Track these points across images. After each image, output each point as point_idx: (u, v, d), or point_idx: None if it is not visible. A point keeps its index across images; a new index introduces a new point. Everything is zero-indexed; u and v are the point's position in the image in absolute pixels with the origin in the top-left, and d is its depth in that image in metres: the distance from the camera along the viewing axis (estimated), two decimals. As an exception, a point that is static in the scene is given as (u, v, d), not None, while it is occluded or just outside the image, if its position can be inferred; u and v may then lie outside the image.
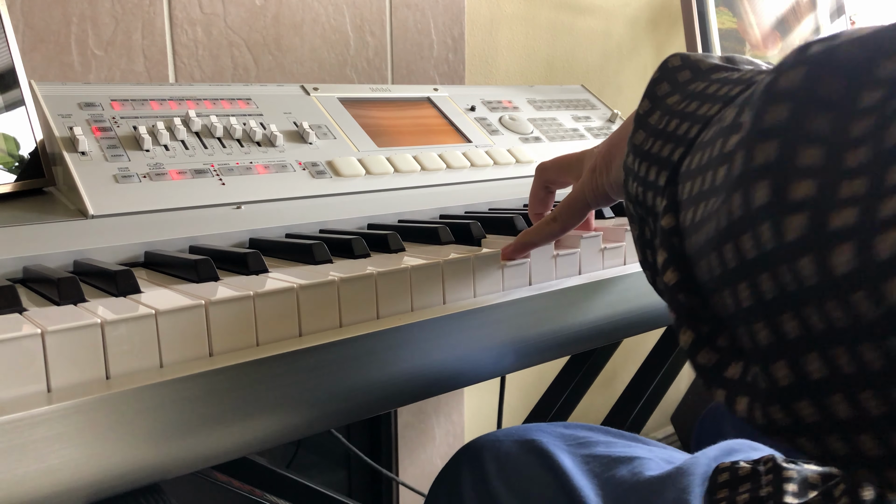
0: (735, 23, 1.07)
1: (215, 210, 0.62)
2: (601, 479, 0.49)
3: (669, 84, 0.35)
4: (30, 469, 0.31)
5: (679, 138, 0.31)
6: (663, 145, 0.32)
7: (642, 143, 0.34)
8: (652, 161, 0.33)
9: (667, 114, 0.33)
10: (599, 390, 1.43)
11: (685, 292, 0.28)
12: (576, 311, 0.52)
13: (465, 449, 0.59)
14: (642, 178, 0.33)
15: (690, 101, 0.32)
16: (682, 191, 0.29)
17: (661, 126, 0.33)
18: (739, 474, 0.43)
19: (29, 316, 0.36)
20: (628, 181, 0.35)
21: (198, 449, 0.36)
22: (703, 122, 0.30)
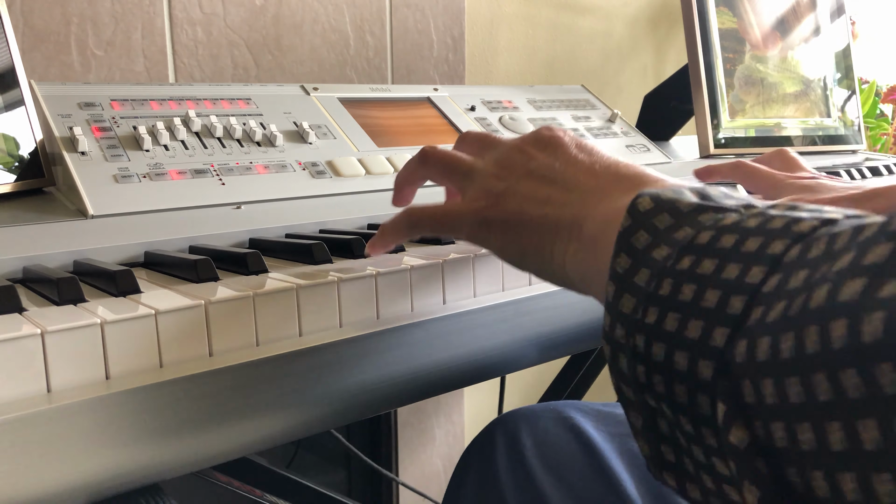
0: (735, 23, 1.07)
1: (215, 210, 0.62)
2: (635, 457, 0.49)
3: (648, 233, 0.28)
4: (30, 469, 0.31)
5: (712, 313, 0.24)
6: (685, 322, 0.25)
7: (635, 312, 0.27)
8: (674, 343, 0.25)
9: (664, 275, 0.27)
10: (599, 390, 1.43)
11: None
12: (576, 310, 0.52)
13: (501, 419, 0.59)
14: (658, 364, 0.26)
15: (696, 257, 0.26)
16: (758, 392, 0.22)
17: (665, 293, 0.26)
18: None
19: (29, 316, 0.36)
20: (619, 358, 0.28)
21: (198, 449, 0.36)
22: (747, 291, 0.24)
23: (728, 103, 1.05)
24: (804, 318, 0.20)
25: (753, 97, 1.09)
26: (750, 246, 0.25)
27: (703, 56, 1.02)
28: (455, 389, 0.47)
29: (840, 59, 1.24)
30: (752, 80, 1.09)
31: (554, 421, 0.55)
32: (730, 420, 0.22)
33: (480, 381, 0.48)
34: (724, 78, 1.04)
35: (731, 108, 1.05)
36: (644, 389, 0.27)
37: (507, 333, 0.48)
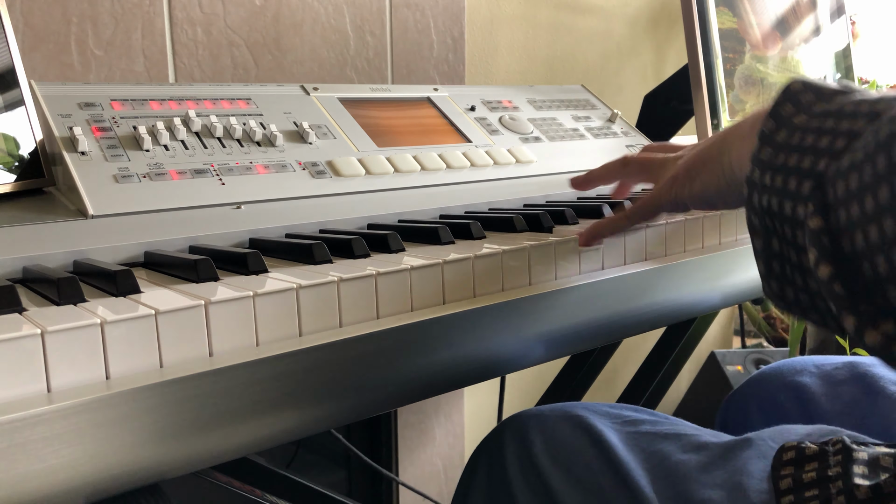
0: (735, 23, 1.07)
1: (215, 210, 0.62)
2: (647, 454, 0.49)
3: (794, 106, 0.39)
4: (30, 469, 0.31)
5: (822, 150, 0.35)
6: (802, 157, 0.36)
7: (771, 158, 0.37)
8: (790, 172, 0.36)
9: (798, 131, 0.37)
10: (600, 390, 1.43)
11: (840, 283, 0.32)
12: (576, 310, 0.52)
13: (509, 421, 0.59)
14: (778, 189, 0.36)
15: (823, 119, 0.36)
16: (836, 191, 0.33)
17: (795, 142, 0.37)
18: (806, 453, 0.43)
19: (29, 316, 0.36)
20: (753, 195, 0.38)
21: (198, 449, 0.36)
22: (849, 135, 0.34)
23: (728, 103, 1.05)
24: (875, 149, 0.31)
25: (753, 97, 1.09)
26: (862, 108, 0.35)
27: (703, 56, 1.02)
28: (455, 389, 0.47)
29: (840, 59, 1.24)
30: (752, 80, 1.09)
31: (563, 420, 0.55)
32: (812, 214, 0.34)
33: (480, 380, 0.48)
34: (724, 78, 1.04)
35: (731, 108, 1.05)
36: (766, 212, 0.37)
37: (507, 333, 0.48)
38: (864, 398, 0.61)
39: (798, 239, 0.35)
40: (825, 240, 0.33)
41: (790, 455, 0.44)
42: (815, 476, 0.41)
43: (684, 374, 1.64)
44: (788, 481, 0.41)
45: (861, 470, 0.40)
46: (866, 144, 0.31)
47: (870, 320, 0.31)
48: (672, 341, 1.06)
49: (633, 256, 0.58)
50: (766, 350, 1.63)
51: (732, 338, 2.01)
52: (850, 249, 0.32)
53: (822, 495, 0.39)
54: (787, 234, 0.36)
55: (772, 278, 0.38)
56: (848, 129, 0.34)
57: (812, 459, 0.42)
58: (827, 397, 0.64)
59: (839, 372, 0.65)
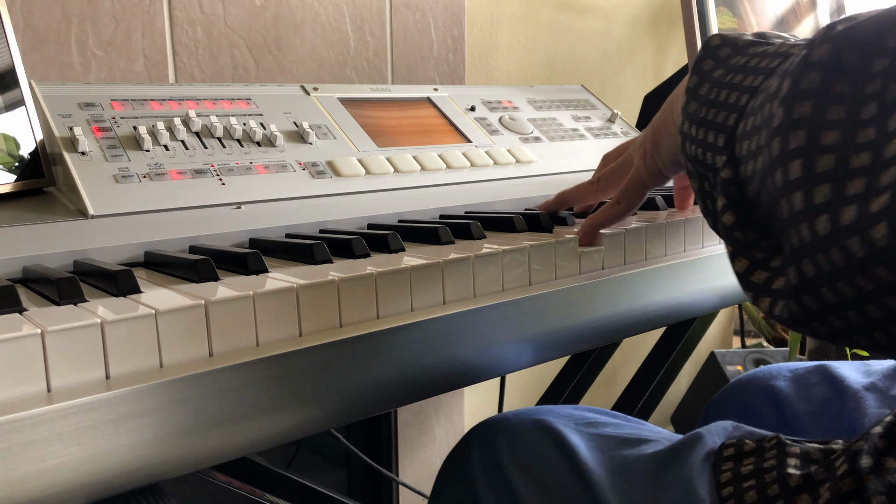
0: (735, 23, 1.07)
1: (215, 210, 0.62)
2: (608, 456, 0.50)
3: (713, 60, 0.43)
4: (30, 469, 0.31)
5: (731, 106, 0.39)
6: (717, 113, 0.40)
7: (696, 111, 0.42)
8: (709, 126, 0.40)
9: (715, 86, 0.41)
10: (599, 390, 1.43)
11: (741, 230, 0.36)
12: (576, 310, 0.52)
13: (476, 429, 0.59)
14: (701, 141, 0.41)
15: (735, 73, 0.40)
16: (740, 149, 0.36)
17: (713, 97, 0.41)
18: (745, 449, 0.45)
19: (29, 316, 0.36)
20: (685, 144, 0.43)
21: (198, 449, 0.36)
22: (749, 91, 0.38)
23: (728, 103, 1.05)
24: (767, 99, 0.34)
25: (753, 97, 1.09)
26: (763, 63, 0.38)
27: (703, 56, 1.02)
28: (455, 389, 0.47)
29: (840, 59, 1.23)
30: (752, 80, 1.09)
31: (528, 425, 0.56)
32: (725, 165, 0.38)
33: (480, 380, 0.48)
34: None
35: (731, 108, 1.05)
36: (695, 160, 0.42)
37: (507, 333, 0.48)
38: (833, 398, 0.64)
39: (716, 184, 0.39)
40: (733, 189, 0.37)
41: (730, 451, 0.46)
42: (752, 468, 0.43)
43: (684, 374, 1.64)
44: (728, 475, 0.44)
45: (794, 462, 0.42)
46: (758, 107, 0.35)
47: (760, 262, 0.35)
48: (672, 341, 1.05)
49: (633, 256, 0.58)
50: (766, 350, 1.63)
51: (732, 338, 2.01)
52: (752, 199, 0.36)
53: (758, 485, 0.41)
54: (711, 178, 0.41)
55: (707, 214, 0.43)
56: (749, 85, 0.38)
57: (750, 455, 0.45)
58: (800, 399, 0.67)
59: (811, 375, 0.67)
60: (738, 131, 0.37)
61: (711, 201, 0.42)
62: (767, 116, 0.33)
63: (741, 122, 0.37)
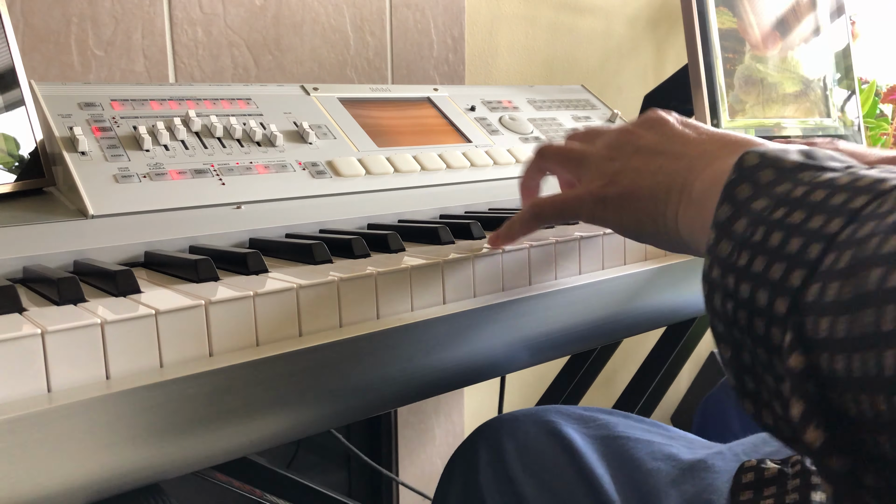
0: (735, 23, 1.07)
1: (215, 210, 0.62)
2: (618, 462, 0.49)
3: (751, 186, 0.31)
4: (30, 469, 0.31)
5: (793, 258, 0.27)
6: (769, 264, 0.28)
7: (731, 256, 0.30)
8: (758, 282, 0.28)
9: (760, 223, 0.30)
10: (599, 390, 1.43)
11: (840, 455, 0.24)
12: (575, 310, 0.52)
13: (484, 427, 0.59)
14: (744, 300, 0.29)
15: (788, 209, 0.29)
16: (816, 326, 0.25)
17: (758, 239, 0.29)
18: (765, 475, 0.42)
19: (29, 316, 0.36)
20: (714, 296, 0.31)
21: (198, 449, 0.36)
22: (824, 239, 0.27)
23: (728, 103, 1.05)
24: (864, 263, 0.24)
25: (753, 97, 1.09)
26: (836, 200, 0.28)
27: (703, 56, 1.02)
28: (455, 389, 0.47)
29: (840, 59, 1.24)
30: (752, 80, 1.09)
31: (535, 426, 0.55)
32: (792, 348, 0.26)
33: (480, 380, 0.48)
34: (723, 78, 1.04)
35: (730, 108, 1.05)
36: (732, 324, 0.30)
37: (507, 333, 0.48)
38: None
39: (776, 366, 0.28)
40: (811, 387, 0.25)
41: (749, 477, 0.43)
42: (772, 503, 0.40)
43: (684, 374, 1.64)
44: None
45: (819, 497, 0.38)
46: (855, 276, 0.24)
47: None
48: (672, 341, 1.05)
49: (633, 256, 0.58)
50: (766, 350, 1.63)
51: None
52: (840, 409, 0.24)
53: None
54: (762, 356, 0.29)
55: (745, 396, 0.31)
56: (820, 230, 0.27)
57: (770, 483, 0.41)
58: None
59: None
60: (807, 297, 0.26)
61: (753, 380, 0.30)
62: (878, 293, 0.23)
63: (812, 284, 0.26)
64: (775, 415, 0.29)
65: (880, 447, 0.22)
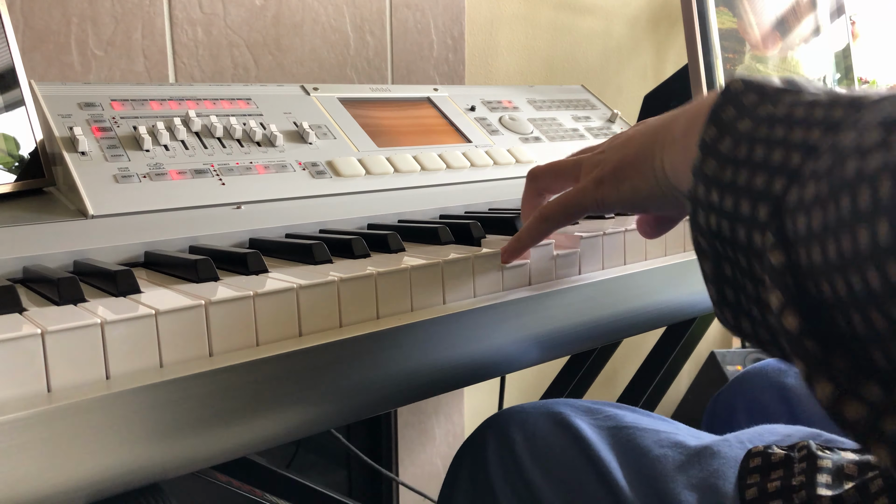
0: (735, 23, 1.07)
1: (215, 210, 0.62)
2: (626, 451, 0.49)
3: (735, 108, 0.33)
4: (30, 469, 0.31)
5: (775, 168, 0.30)
6: (752, 175, 0.30)
7: (717, 172, 0.32)
8: (741, 193, 0.31)
9: (744, 140, 0.32)
10: (600, 390, 1.43)
11: (812, 338, 0.26)
12: (575, 310, 0.52)
13: (493, 419, 0.59)
14: (728, 212, 0.31)
15: (771, 125, 0.31)
16: (795, 225, 0.27)
17: (742, 155, 0.31)
18: (772, 460, 0.43)
19: (29, 316, 0.36)
20: (698, 213, 0.33)
21: (198, 449, 0.36)
22: (804, 148, 0.29)
23: (728, 103, 1.05)
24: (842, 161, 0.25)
25: (753, 97, 1.09)
26: (817, 114, 0.30)
27: (703, 56, 1.02)
28: (455, 389, 0.47)
29: (840, 59, 1.24)
30: (752, 80, 1.09)
31: (544, 418, 0.55)
32: (773, 247, 0.28)
33: (480, 380, 0.48)
34: (724, 78, 1.04)
35: (731, 108, 1.05)
36: (715, 236, 0.32)
37: (507, 333, 0.48)
38: None
39: (755, 270, 0.30)
40: (789, 280, 0.27)
41: (756, 462, 0.43)
42: (779, 485, 0.40)
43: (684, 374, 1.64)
44: (754, 491, 0.41)
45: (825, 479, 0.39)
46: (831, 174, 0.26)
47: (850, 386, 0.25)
48: (672, 341, 1.05)
49: (633, 256, 0.58)
50: (766, 350, 1.63)
51: (732, 338, 2.01)
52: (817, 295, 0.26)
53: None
54: (742, 262, 0.31)
55: (725, 306, 0.33)
56: (802, 141, 0.29)
57: (777, 467, 0.42)
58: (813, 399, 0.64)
59: None
60: (787, 200, 0.28)
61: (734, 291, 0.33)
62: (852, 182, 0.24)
63: (792, 188, 0.28)
64: (754, 320, 0.32)
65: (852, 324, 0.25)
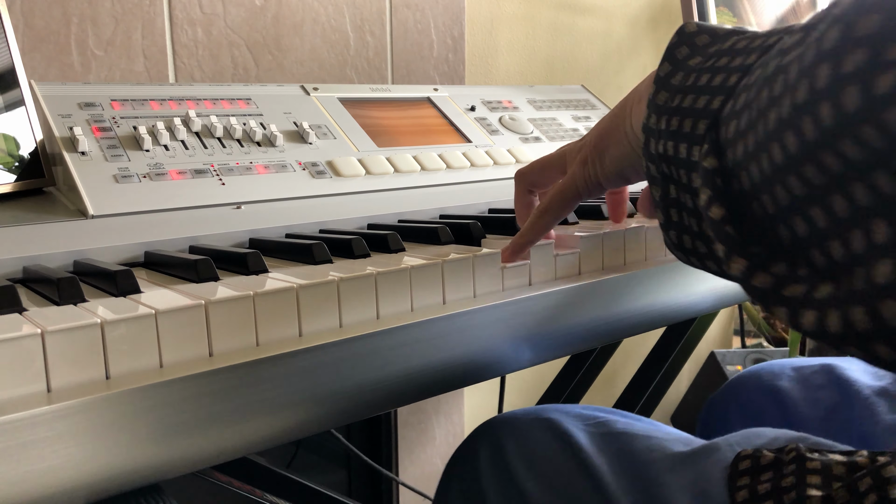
0: (735, 22, 1.07)
1: (215, 210, 0.62)
2: (617, 456, 0.49)
3: (689, 48, 0.37)
4: (30, 469, 0.31)
5: (716, 88, 0.33)
6: (697, 98, 0.34)
7: (667, 100, 0.36)
8: (685, 114, 0.34)
9: (693, 72, 0.35)
10: (600, 390, 1.43)
11: (732, 224, 0.30)
12: (575, 310, 0.52)
13: (484, 427, 0.59)
14: (673, 132, 0.35)
15: (718, 58, 0.34)
16: (727, 131, 0.31)
17: (690, 83, 0.35)
18: (761, 462, 0.43)
19: (29, 316, 0.36)
20: (650, 143, 0.37)
21: (198, 449, 0.36)
22: (741, 70, 0.32)
23: (728, 103, 1.05)
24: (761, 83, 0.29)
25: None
26: (755, 43, 0.33)
27: (703, 56, 1.02)
28: (455, 389, 0.47)
29: (840, 59, 1.23)
30: (752, 80, 1.09)
31: (535, 424, 0.55)
32: (707, 154, 0.32)
33: (480, 380, 0.48)
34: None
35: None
36: (661, 159, 0.36)
37: (507, 333, 0.48)
38: (842, 403, 0.61)
39: (693, 182, 0.34)
40: (718, 180, 0.31)
41: (746, 464, 0.44)
42: (769, 487, 0.41)
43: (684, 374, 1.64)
44: (745, 493, 0.41)
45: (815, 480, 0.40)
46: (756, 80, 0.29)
47: (760, 263, 0.29)
48: (672, 341, 1.05)
49: (633, 256, 0.58)
50: (766, 350, 1.63)
51: (732, 338, 2.01)
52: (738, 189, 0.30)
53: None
54: (683, 178, 0.35)
55: (670, 227, 0.37)
56: (740, 65, 0.33)
57: (767, 469, 0.42)
58: (806, 403, 0.64)
59: (816, 376, 0.65)
60: (723, 112, 0.32)
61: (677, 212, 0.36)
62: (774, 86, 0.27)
63: (729, 102, 0.32)
64: (692, 233, 0.36)
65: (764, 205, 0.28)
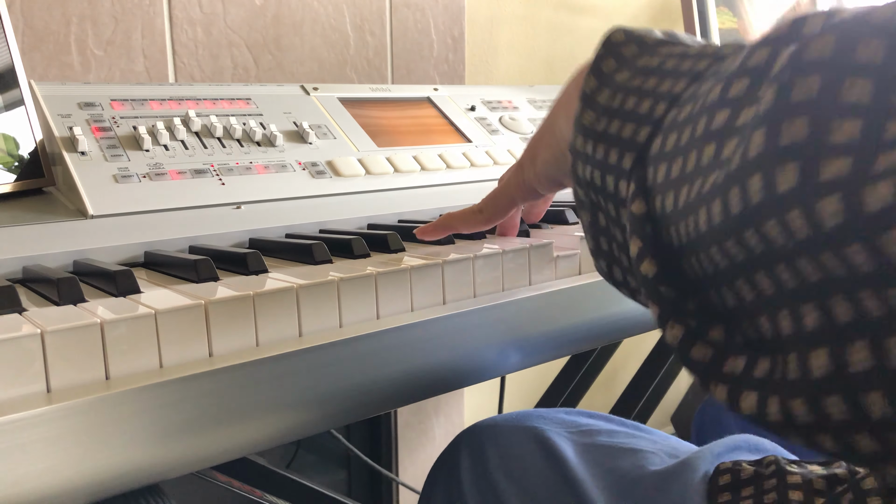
0: (735, 23, 1.07)
1: (215, 210, 0.62)
2: (602, 470, 0.49)
3: (616, 60, 0.33)
4: (30, 469, 0.31)
5: (642, 117, 0.30)
6: (622, 125, 0.31)
7: (593, 123, 0.32)
8: (611, 143, 0.31)
9: (619, 91, 0.32)
10: (599, 390, 1.43)
11: (666, 284, 0.27)
12: (576, 310, 0.52)
13: (465, 434, 0.59)
14: (599, 161, 0.32)
15: (646, 77, 0.31)
16: (655, 174, 0.28)
17: (616, 105, 0.31)
18: (742, 476, 0.42)
19: (29, 316, 0.36)
20: (577, 164, 0.34)
21: (198, 449, 0.36)
22: (668, 99, 0.29)
23: (728, 103, 1.05)
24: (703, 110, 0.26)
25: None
26: (685, 66, 0.30)
27: (703, 56, 1.02)
28: (454, 389, 0.47)
29: (840, 59, 1.23)
30: (752, 80, 1.09)
31: (517, 431, 0.55)
32: (634, 196, 0.29)
33: (480, 380, 0.48)
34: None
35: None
36: (589, 185, 0.33)
37: (508, 333, 0.48)
38: None
39: (622, 218, 0.31)
40: (648, 228, 0.28)
41: (726, 479, 0.43)
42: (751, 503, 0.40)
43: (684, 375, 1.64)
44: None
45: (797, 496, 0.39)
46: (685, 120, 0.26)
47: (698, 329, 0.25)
48: (672, 341, 1.05)
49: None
50: (766, 350, 1.63)
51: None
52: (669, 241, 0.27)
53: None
54: (612, 211, 0.32)
55: (600, 256, 0.34)
56: (668, 91, 0.29)
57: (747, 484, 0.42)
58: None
59: None
60: (651, 150, 0.28)
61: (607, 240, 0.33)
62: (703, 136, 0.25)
63: (655, 138, 0.28)
64: (623, 268, 0.33)
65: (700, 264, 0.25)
